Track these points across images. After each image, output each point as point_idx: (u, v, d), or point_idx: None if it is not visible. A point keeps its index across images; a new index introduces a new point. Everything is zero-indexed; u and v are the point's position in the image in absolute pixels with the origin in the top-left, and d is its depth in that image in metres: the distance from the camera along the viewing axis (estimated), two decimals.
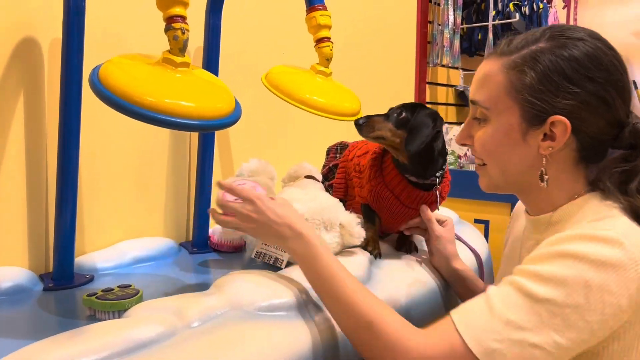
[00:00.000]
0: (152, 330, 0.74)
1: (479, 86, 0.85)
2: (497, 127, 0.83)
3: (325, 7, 1.07)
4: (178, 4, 0.80)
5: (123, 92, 0.77)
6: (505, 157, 0.84)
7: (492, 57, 0.85)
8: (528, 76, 0.79)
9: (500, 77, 0.82)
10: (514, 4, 2.48)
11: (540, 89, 0.78)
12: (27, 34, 1.07)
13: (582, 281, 0.68)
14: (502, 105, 0.81)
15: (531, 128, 0.80)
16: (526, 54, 0.80)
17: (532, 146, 0.81)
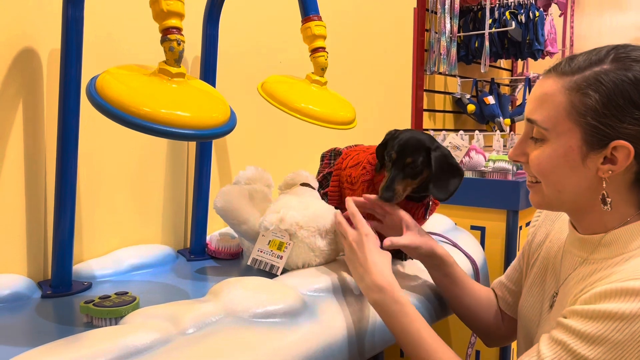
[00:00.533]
0: (147, 336, 0.75)
1: (538, 105, 0.83)
2: (556, 149, 0.81)
3: (320, 18, 1.09)
4: (174, 16, 0.82)
5: (119, 102, 0.78)
6: (562, 178, 0.82)
7: (552, 76, 0.82)
8: (592, 99, 0.77)
9: (561, 98, 0.79)
10: (510, 13, 2.50)
11: (604, 112, 0.76)
12: (27, 44, 1.09)
13: (635, 342, 0.68)
14: (562, 127, 0.80)
15: (592, 151, 0.79)
16: (589, 76, 0.78)
17: (590, 169, 0.79)
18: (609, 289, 0.71)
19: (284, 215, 1.05)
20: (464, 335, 1.52)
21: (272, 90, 1.07)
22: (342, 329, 0.91)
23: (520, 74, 3.10)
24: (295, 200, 1.11)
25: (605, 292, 0.71)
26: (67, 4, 1.00)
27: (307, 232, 1.05)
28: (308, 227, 1.05)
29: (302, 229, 1.05)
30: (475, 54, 2.56)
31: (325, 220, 1.07)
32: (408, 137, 1.08)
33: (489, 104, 2.64)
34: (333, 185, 1.29)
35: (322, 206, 1.10)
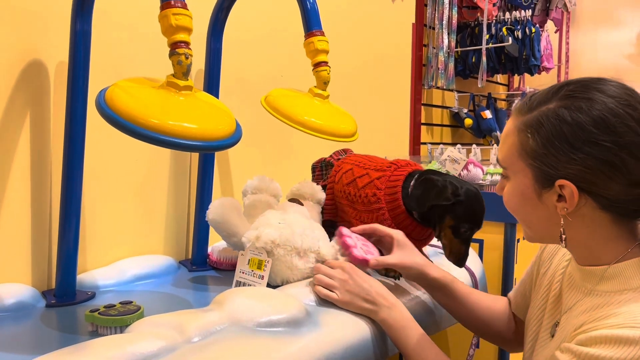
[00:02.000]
0: (153, 345, 0.76)
1: (501, 144, 0.87)
2: (515, 187, 0.84)
3: (322, 33, 1.11)
4: (182, 30, 0.84)
5: (128, 114, 0.79)
6: (526, 215, 0.85)
7: (513, 114, 0.85)
8: (533, 140, 0.79)
9: (513, 138, 0.82)
10: (506, 28, 2.54)
11: (544, 153, 0.78)
12: (34, 57, 1.11)
13: None
14: (516, 166, 0.83)
15: (543, 190, 0.80)
16: (534, 117, 0.79)
17: (549, 206, 0.81)
18: (604, 335, 0.71)
19: (260, 233, 1.02)
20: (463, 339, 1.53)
21: (276, 103, 1.09)
22: (344, 339, 0.92)
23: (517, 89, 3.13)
24: (278, 217, 1.07)
25: (599, 337, 0.71)
26: (75, 18, 1.02)
27: (284, 251, 1.02)
28: (285, 246, 1.02)
29: (279, 247, 1.02)
30: (473, 69, 2.59)
31: (305, 240, 1.04)
32: (483, 208, 1.08)
33: (486, 118, 2.67)
34: (328, 199, 1.29)
35: (303, 224, 1.06)
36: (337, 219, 1.29)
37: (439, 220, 1.09)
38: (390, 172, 1.16)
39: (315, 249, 1.03)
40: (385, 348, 1.00)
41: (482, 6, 2.48)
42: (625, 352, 0.69)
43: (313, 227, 1.07)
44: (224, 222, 1.10)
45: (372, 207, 1.14)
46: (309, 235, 1.03)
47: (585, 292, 0.84)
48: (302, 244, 1.02)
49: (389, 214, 1.12)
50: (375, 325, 0.99)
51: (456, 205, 1.07)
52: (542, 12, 2.99)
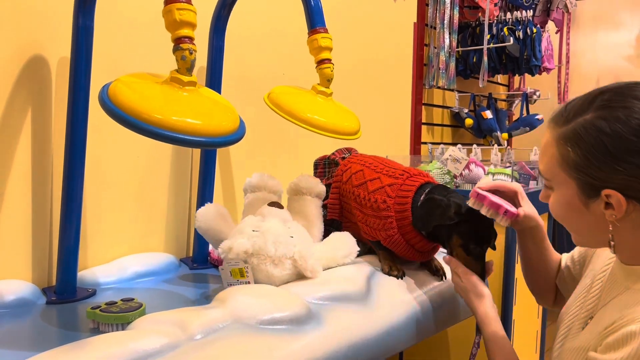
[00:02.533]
0: (156, 342, 0.76)
1: (540, 157, 0.87)
2: (560, 197, 0.84)
3: (326, 30, 1.11)
4: (186, 25, 0.83)
5: (132, 109, 0.79)
6: (574, 222, 0.85)
7: (550, 125, 0.84)
8: (574, 153, 0.79)
9: (553, 150, 0.82)
10: (508, 29, 2.53)
11: (586, 165, 0.78)
12: (36, 52, 1.10)
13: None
14: (559, 178, 0.83)
15: (589, 199, 0.80)
16: (573, 129, 0.79)
17: (596, 214, 0.81)
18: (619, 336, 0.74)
19: (232, 244, 1.00)
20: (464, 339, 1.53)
21: (279, 100, 1.08)
22: (347, 337, 0.92)
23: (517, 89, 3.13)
24: (254, 224, 1.04)
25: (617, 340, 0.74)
26: (78, 13, 1.02)
27: (258, 260, 0.99)
28: (258, 255, 0.99)
29: (253, 256, 1.00)
30: (474, 69, 2.58)
31: (279, 247, 1.00)
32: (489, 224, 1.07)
33: (486, 119, 2.67)
34: (333, 198, 1.28)
35: (277, 232, 1.02)
36: (342, 219, 1.28)
37: (447, 239, 1.09)
38: (402, 180, 1.14)
39: (290, 255, 1.00)
40: (387, 347, 1.00)
41: (484, 6, 2.48)
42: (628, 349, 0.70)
43: (290, 233, 1.04)
44: (209, 229, 1.10)
45: (380, 214, 1.13)
46: (282, 243, 1.00)
47: (623, 289, 0.85)
48: (276, 251, 0.99)
49: (397, 223, 1.12)
50: (378, 324, 0.99)
51: (461, 225, 1.06)
52: (543, 12, 2.98)
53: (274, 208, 1.07)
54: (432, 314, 1.14)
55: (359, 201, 1.18)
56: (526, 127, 2.74)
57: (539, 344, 2.08)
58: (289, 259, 1.01)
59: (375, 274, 1.12)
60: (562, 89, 3.34)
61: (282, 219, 1.06)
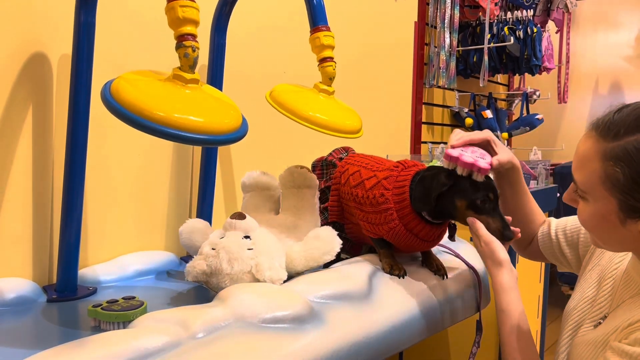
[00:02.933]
0: (158, 340, 0.75)
1: (578, 166, 0.84)
2: (595, 210, 0.82)
3: (328, 28, 1.10)
4: (189, 23, 0.83)
5: (134, 106, 0.79)
6: (605, 235, 0.84)
7: (593, 136, 0.81)
8: (622, 173, 0.76)
9: (596, 165, 0.79)
10: (508, 28, 2.53)
11: (634, 187, 0.76)
12: (37, 49, 1.10)
13: None
14: (598, 193, 0.80)
15: (629, 218, 0.79)
16: (623, 147, 0.76)
17: (632, 231, 0.80)
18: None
19: (189, 268, 1.00)
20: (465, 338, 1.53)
21: (281, 98, 1.08)
22: (349, 335, 0.92)
23: (517, 89, 3.13)
24: (212, 242, 1.02)
25: None
26: (79, 10, 1.01)
27: (217, 280, 0.98)
28: (216, 275, 0.98)
29: (212, 276, 0.99)
30: (474, 68, 2.59)
31: (234, 264, 0.98)
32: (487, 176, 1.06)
33: (486, 118, 2.67)
34: (333, 200, 1.28)
35: (231, 249, 0.99)
36: (344, 221, 1.28)
37: (454, 210, 1.07)
38: (397, 172, 1.14)
39: (248, 270, 0.98)
40: (390, 345, 1.00)
41: (484, 5, 2.48)
42: None
43: (250, 245, 1.01)
44: (189, 247, 1.12)
45: (380, 208, 1.12)
46: (238, 259, 0.98)
47: (639, 289, 0.84)
48: (232, 269, 0.97)
49: (397, 214, 1.11)
50: (380, 322, 0.99)
51: (457, 186, 1.04)
52: (543, 12, 2.98)
53: (235, 220, 1.03)
54: (433, 312, 1.13)
55: (357, 200, 1.18)
56: (526, 126, 2.74)
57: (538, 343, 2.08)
58: (248, 274, 0.99)
59: (377, 272, 1.12)
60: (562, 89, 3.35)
61: (244, 230, 1.03)
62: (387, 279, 1.12)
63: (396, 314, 1.04)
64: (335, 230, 1.15)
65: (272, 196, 1.23)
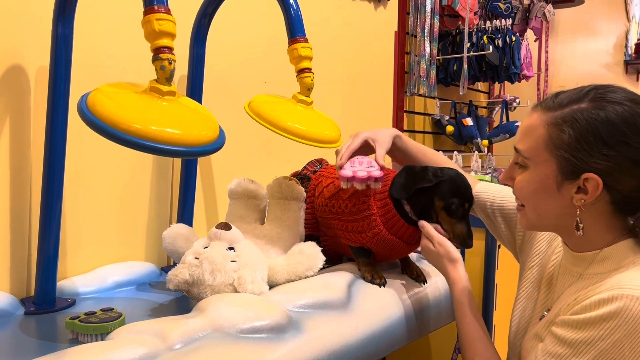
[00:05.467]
0: (135, 352, 0.76)
1: (523, 136, 0.91)
2: (535, 176, 0.88)
3: (306, 40, 1.12)
4: (166, 36, 0.83)
5: (110, 119, 0.79)
6: (540, 203, 0.89)
7: (538, 110, 0.89)
8: (566, 134, 0.83)
9: (541, 131, 0.86)
10: (487, 37, 2.57)
11: (577, 147, 0.83)
12: (14, 61, 1.10)
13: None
14: (541, 157, 0.87)
15: (566, 181, 0.85)
16: (567, 113, 0.84)
17: (565, 197, 0.86)
18: (595, 300, 0.79)
19: (171, 276, 0.99)
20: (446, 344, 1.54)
21: (259, 109, 1.09)
22: (328, 344, 0.92)
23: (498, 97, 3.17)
24: (195, 251, 1.01)
25: (591, 304, 0.79)
26: (57, 22, 1.02)
27: (198, 290, 0.99)
28: (198, 285, 0.99)
29: (193, 286, 0.99)
30: (454, 77, 2.61)
31: (216, 275, 0.98)
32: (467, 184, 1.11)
33: (467, 125, 2.69)
34: (307, 213, 1.27)
35: (215, 260, 0.99)
36: (319, 233, 1.28)
37: (430, 207, 1.10)
38: None
39: (230, 282, 0.98)
40: (369, 353, 1.01)
41: (463, 15, 2.51)
42: (612, 308, 0.77)
43: (233, 256, 1.01)
44: (172, 252, 1.13)
45: (361, 215, 1.13)
46: (221, 270, 0.98)
47: (576, 277, 0.91)
48: (214, 280, 0.97)
49: (381, 219, 1.12)
50: (359, 331, 0.99)
51: (440, 185, 1.09)
52: (522, 21, 3.03)
53: (220, 230, 1.03)
54: (414, 319, 1.14)
55: (334, 211, 1.18)
56: (506, 133, 2.77)
57: None
58: (230, 286, 0.99)
59: (356, 281, 1.13)
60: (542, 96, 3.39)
61: (229, 241, 1.03)
62: (366, 287, 1.13)
63: (375, 322, 1.05)
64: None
65: (257, 205, 1.23)
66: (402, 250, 1.17)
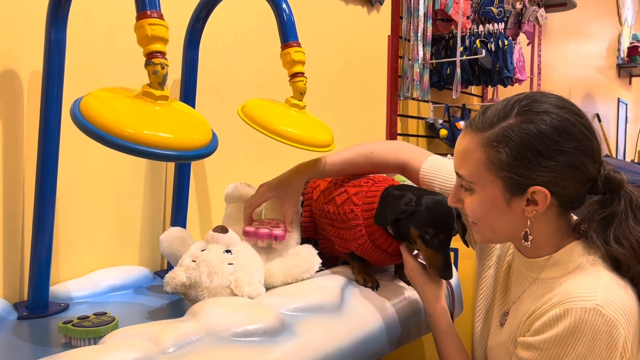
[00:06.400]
0: (128, 355, 0.76)
1: (461, 161, 0.90)
2: (483, 197, 0.89)
3: (299, 44, 1.12)
4: (158, 40, 0.84)
5: (103, 124, 0.79)
6: (494, 221, 0.91)
7: (469, 132, 0.89)
8: (504, 154, 0.84)
9: (479, 154, 0.86)
10: (480, 41, 2.58)
11: (517, 164, 0.83)
12: (7, 66, 1.10)
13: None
14: (484, 179, 0.87)
15: (514, 197, 0.86)
16: (498, 132, 0.84)
17: (517, 211, 0.87)
18: (550, 317, 0.81)
19: (168, 279, 1.00)
20: None
21: (252, 113, 1.10)
22: (321, 347, 0.93)
23: (491, 100, 3.19)
24: (193, 254, 1.02)
25: (548, 322, 0.82)
26: (50, 27, 1.02)
27: (196, 292, 0.99)
28: (195, 288, 0.99)
29: (191, 288, 1.00)
30: (447, 81, 2.62)
31: (213, 278, 0.99)
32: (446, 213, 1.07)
33: (460, 129, 2.71)
34: (306, 216, 1.29)
35: (212, 263, 1.00)
36: (317, 236, 1.29)
37: (408, 234, 1.09)
38: (367, 187, 1.16)
39: (227, 285, 0.99)
40: (362, 356, 1.01)
41: (456, 19, 2.52)
42: (560, 328, 0.79)
43: (230, 259, 1.02)
44: (170, 255, 1.12)
45: (349, 224, 1.14)
46: (218, 273, 0.99)
47: (530, 281, 0.93)
48: (212, 283, 0.98)
49: (366, 230, 1.13)
50: (352, 334, 1.00)
51: (414, 215, 1.06)
52: (515, 25, 3.04)
53: (217, 234, 1.04)
54: (406, 322, 1.15)
55: (329, 217, 1.19)
56: None
57: None
58: (227, 288, 0.99)
59: (349, 285, 1.13)
60: None
61: (226, 244, 1.04)
62: (359, 290, 1.13)
63: (368, 325, 1.06)
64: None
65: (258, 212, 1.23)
66: (388, 260, 1.18)
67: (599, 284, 0.82)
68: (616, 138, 6.18)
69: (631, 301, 0.82)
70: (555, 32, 4.20)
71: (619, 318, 0.78)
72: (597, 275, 0.84)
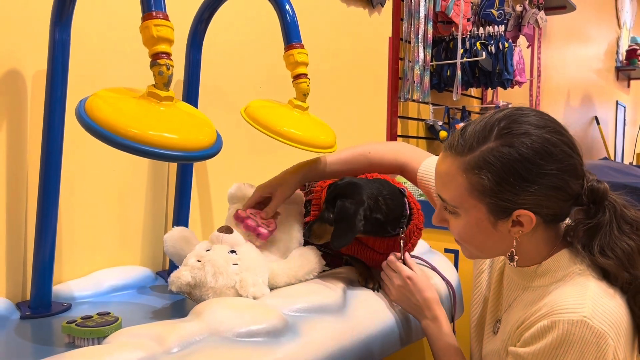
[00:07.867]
0: (132, 355, 0.76)
1: (442, 185, 0.90)
2: (468, 221, 0.88)
3: (302, 46, 1.12)
4: (164, 41, 0.84)
5: (108, 124, 0.79)
6: (480, 242, 0.91)
7: (449, 155, 0.88)
8: (486, 179, 0.82)
9: (460, 179, 0.85)
10: (480, 43, 2.59)
11: (500, 190, 0.82)
12: (11, 65, 1.10)
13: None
14: (468, 204, 0.86)
15: (499, 220, 0.86)
16: (479, 156, 0.83)
17: (503, 231, 0.87)
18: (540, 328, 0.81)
19: (173, 278, 1.00)
20: None
21: (256, 114, 1.10)
22: (323, 348, 0.93)
23: (490, 102, 3.19)
24: (197, 254, 1.03)
25: (537, 332, 0.81)
26: (54, 27, 1.02)
27: (200, 292, 0.99)
28: (200, 287, 0.99)
29: (195, 288, 1.00)
30: (447, 83, 2.63)
31: (218, 278, 0.99)
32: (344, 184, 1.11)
33: None
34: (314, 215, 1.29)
35: (218, 263, 1.00)
36: None
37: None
38: None
39: (232, 285, 0.99)
40: (364, 356, 1.01)
41: (457, 21, 2.53)
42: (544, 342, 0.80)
43: (235, 259, 1.02)
44: (174, 255, 1.12)
45: None
46: (223, 273, 0.99)
47: (522, 289, 0.93)
48: (217, 283, 0.98)
49: None
50: (354, 335, 1.00)
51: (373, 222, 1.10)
52: (515, 27, 3.06)
53: (222, 234, 1.05)
54: (408, 323, 1.15)
55: None
56: None
57: None
58: (231, 288, 1.00)
59: (352, 285, 1.13)
60: (534, 102, 3.42)
61: (230, 245, 1.04)
62: (362, 291, 1.13)
63: (371, 325, 1.06)
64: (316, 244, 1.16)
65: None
66: (375, 258, 1.18)
67: (586, 295, 0.81)
68: (614, 141, 6.19)
69: (620, 310, 0.81)
70: (555, 34, 4.21)
71: (608, 329, 0.77)
72: (584, 285, 0.83)
